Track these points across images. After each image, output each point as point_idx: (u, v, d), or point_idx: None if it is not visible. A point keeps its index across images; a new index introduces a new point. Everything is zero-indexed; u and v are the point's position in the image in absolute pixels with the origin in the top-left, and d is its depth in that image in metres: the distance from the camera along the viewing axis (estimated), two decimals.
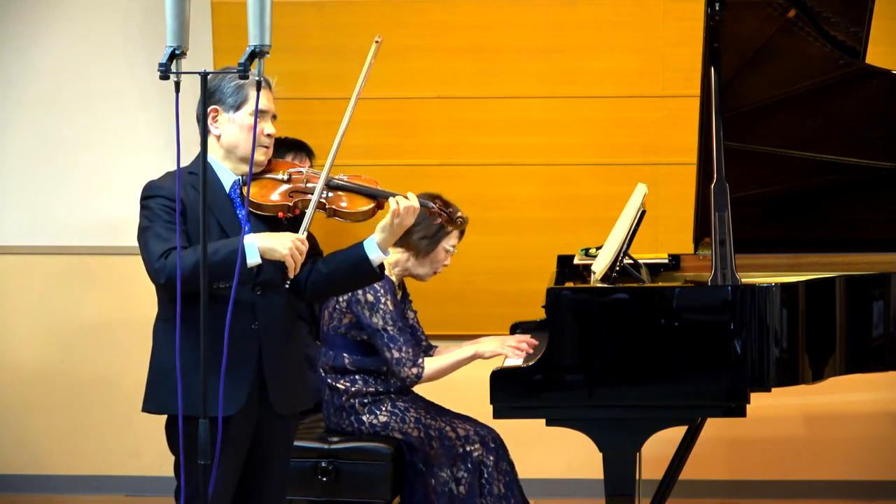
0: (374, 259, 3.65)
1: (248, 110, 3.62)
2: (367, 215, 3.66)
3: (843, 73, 4.38)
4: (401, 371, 4.43)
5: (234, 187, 3.65)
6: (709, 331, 3.85)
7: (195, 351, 3.24)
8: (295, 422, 3.80)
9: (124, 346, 5.87)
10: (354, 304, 4.46)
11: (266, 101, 3.63)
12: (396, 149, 5.72)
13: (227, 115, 3.62)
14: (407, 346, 4.44)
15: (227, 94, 3.61)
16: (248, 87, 3.61)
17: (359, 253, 3.65)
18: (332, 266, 3.68)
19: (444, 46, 5.71)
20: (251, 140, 3.57)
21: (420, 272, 4.59)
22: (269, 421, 3.65)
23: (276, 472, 3.73)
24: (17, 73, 5.88)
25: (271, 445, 3.69)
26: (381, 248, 3.65)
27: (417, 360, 4.45)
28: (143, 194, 3.61)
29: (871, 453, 5.76)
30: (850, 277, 4.02)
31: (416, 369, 4.44)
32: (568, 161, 5.71)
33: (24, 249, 5.92)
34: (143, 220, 3.58)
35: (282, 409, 3.66)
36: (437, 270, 4.62)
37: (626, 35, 5.65)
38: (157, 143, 5.82)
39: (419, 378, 4.45)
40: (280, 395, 3.64)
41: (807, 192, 4.62)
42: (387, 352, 4.43)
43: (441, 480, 4.47)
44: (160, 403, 3.58)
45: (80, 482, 5.95)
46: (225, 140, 3.63)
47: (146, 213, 3.58)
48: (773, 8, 4.28)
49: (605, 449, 3.89)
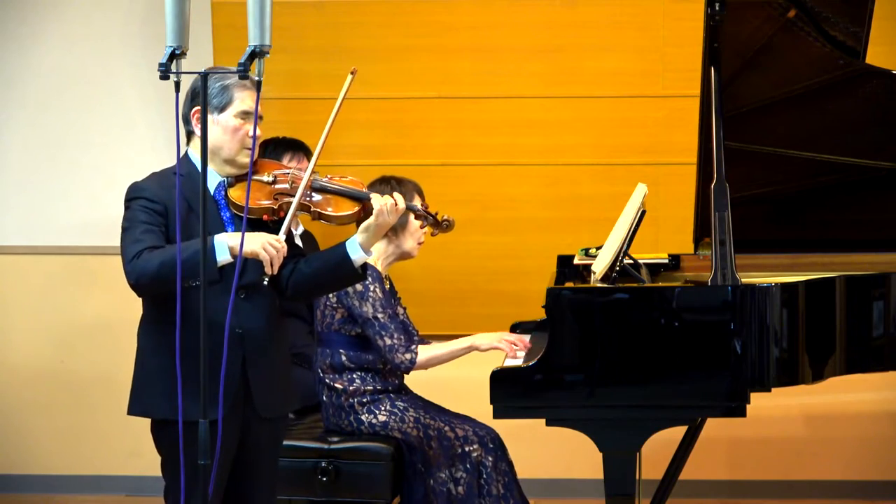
0: (356, 259, 3.63)
1: (233, 112, 3.59)
2: (352, 218, 3.63)
3: (843, 73, 4.38)
4: (394, 357, 4.42)
5: (218, 189, 3.63)
6: (709, 331, 3.85)
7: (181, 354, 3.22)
8: (283, 423, 3.80)
9: (124, 346, 5.81)
10: (344, 296, 4.45)
11: (250, 101, 3.60)
12: (396, 149, 5.72)
13: (212, 117, 3.58)
14: (399, 332, 4.44)
15: (213, 96, 3.58)
16: (233, 89, 3.59)
17: (341, 253, 3.63)
18: (315, 266, 3.66)
19: (444, 46, 5.71)
20: (235, 141, 3.57)
21: (406, 248, 4.55)
22: (255, 424, 3.64)
23: (264, 475, 3.72)
24: (17, 73, 5.87)
25: (258, 448, 3.68)
26: (363, 248, 3.63)
27: (410, 346, 4.44)
28: (126, 196, 3.61)
29: (871, 453, 5.76)
30: (850, 277, 4.02)
31: (409, 354, 4.43)
32: (568, 161, 5.71)
33: (24, 249, 5.92)
34: (123, 222, 3.58)
35: (265, 412, 3.64)
36: (420, 240, 4.57)
37: (626, 35, 5.65)
38: (157, 143, 5.82)
39: (413, 363, 4.44)
40: (264, 399, 3.63)
41: (807, 192, 4.62)
42: (379, 340, 4.43)
43: (440, 480, 4.47)
44: (144, 406, 3.58)
45: (79, 482, 5.94)
46: (209, 142, 3.58)
47: (126, 214, 3.58)
48: (773, 8, 4.28)
49: (605, 449, 3.89)
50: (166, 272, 3.39)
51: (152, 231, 3.50)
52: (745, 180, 4.36)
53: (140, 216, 3.53)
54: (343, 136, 5.55)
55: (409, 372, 4.53)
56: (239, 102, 3.59)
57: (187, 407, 3.23)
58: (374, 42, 5.72)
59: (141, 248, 3.47)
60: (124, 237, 3.54)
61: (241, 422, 3.61)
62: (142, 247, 3.47)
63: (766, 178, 4.57)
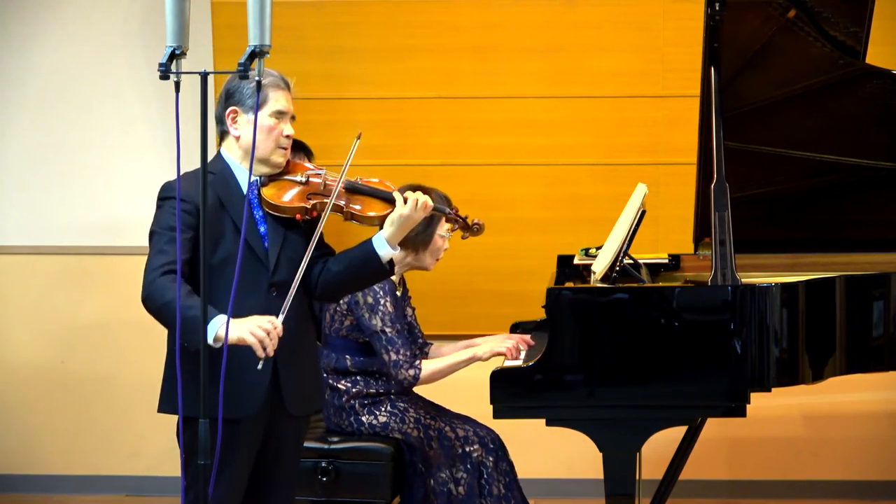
0: (383, 255, 3.65)
1: (268, 111, 3.62)
2: (382, 220, 3.66)
3: (843, 73, 4.38)
4: (398, 373, 4.44)
5: (251, 188, 3.65)
6: (709, 331, 3.85)
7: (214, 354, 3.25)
8: (306, 422, 3.81)
9: (124, 346, 5.87)
10: (354, 306, 4.46)
11: (284, 101, 3.64)
12: (396, 149, 5.72)
13: (247, 117, 3.61)
14: (405, 348, 4.44)
15: (247, 96, 3.61)
16: (267, 88, 3.61)
17: (368, 249, 3.66)
18: (343, 264, 3.68)
19: (444, 46, 5.71)
20: (270, 140, 3.61)
21: (423, 264, 4.59)
22: (281, 421, 3.66)
23: (286, 472, 3.73)
24: (17, 73, 5.88)
25: (282, 445, 3.70)
26: (389, 243, 3.65)
27: (415, 362, 4.45)
28: (159, 195, 3.62)
29: (871, 453, 5.76)
30: (850, 277, 4.02)
31: (413, 371, 4.44)
32: (568, 161, 5.71)
33: (24, 249, 5.92)
34: (153, 222, 3.59)
35: (294, 409, 3.66)
36: (439, 257, 4.62)
37: (626, 35, 5.65)
38: (157, 143, 5.82)
39: (416, 380, 4.46)
40: (293, 396, 3.64)
41: (807, 192, 4.62)
42: (384, 354, 4.44)
43: (440, 481, 4.48)
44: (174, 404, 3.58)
45: (80, 482, 5.95)
46: (244, 141, 3.62)
47: (157, 214, 3.59)
48: (773, 8, 4.28)
49: (605, 449, 3.89)
50: (165, 315, 3.45)
51: (176, 239, 3.51)
52: (745, 180, 4.37)
53: (169, 220, 3.53)
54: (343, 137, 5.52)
55: (411, 387, 4.54)
56: (273, 102, 3.61)
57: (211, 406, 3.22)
58: (374, 42, 5.72)
59: (164, 261, 3.48)
60: (151, 242, 3.56)
61: (269, 419, 3.62)
62: (165, 260, 3.48)
63: (767, 178, 4.57)
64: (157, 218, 3.58)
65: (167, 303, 3.42)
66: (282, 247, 3.62)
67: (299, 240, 3.65)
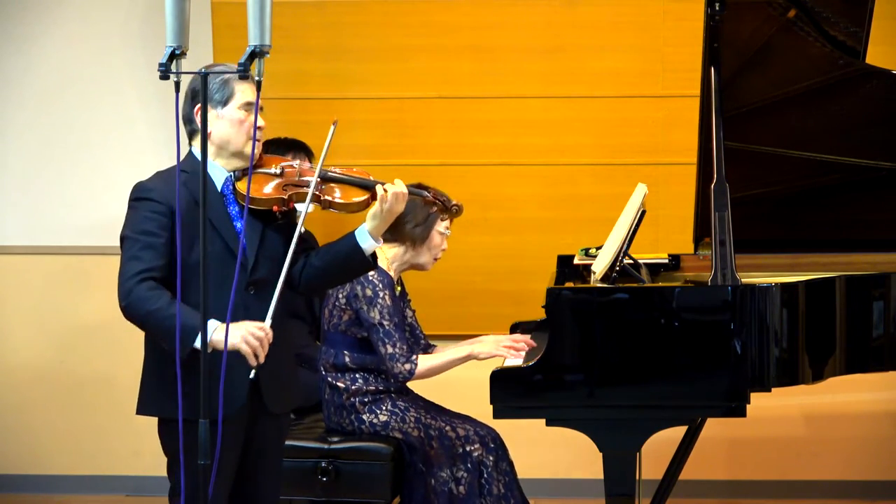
0: (366, 248, 3.64)
1: (236, 104, 3.60)
2: (361, 206, 3.65)
3: (843, 73, 4.38)
4: (394, 367, 4.43)
5: (226, 183, 3.64)
6: (709, 331, 3.85)
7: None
8: (287, 419, 3.81)
9: (124, 346, 5.86)
10: (353, 299, 4.46)
11: (251, 93, 3.61)
12: (396, 149, 5.72)
13: (216, 112, 3.60)
14: (402, 342, 4.44)
15: (214, 91, 3.59)
16: (232, 82, 3.60)
17: (351, 243, 3.64)
18: (326, 258, 3.67)
19: (444, 46, 5.71)
20: (242, 133, 3.59)
21: (420, 261, 4.59)
22: (262, 419, 3.65)
23: (270, 470, 3.73)
24: (17, 73, 5.88)
25: (265, 443, 3.69)
26: (372, 236, 3.63)
27: (411, 356, 4.45)
28: (131, 195, 3.60)
29: (871, 453, 5.76)
30: (850, 277, 4.02)
31: (409, 365, 4.44)
32: (568, 161, 5.71)
33: (24, 249, 5.92)
34: (124, 225, 3.57)
35: (275, 407, 3.66)
36: (437, 256, 4.62)
37: (626, 35, 5.65)
38: (157, 143, 5.82)
39: (412, 374, 4.45)
40: (273, 394, 3.64)
41: (807, 192, 4.62)
42: (381, 347, 4.44)
43: (441, 480, 4.48)
44: (158, 406, 3.58)
45: (80, 482, 5.95)
46: (216, 136, 3.60)
47: (129, 215, 3.57)
48: (773, 8, 4.28)
49: (605, 449, 3.89)
50: (150, 325, 3.46)
51: (152, 247, 3.49)
52: (745, 180, 4.37)
53: (142, 224, 3.52)
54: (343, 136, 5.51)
55: (406, 382, 4.53)
56: (241, 94, 3.61)
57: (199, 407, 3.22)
58: (374, 42, 5.72)
59: (139, 268, 3.47)
60: (124, 247, 3.54)
61: (249, 418, 3.62)
62: (141, 267, 3.47)
63: (767, 178, 4.57)
64: (130, 220, 3.55)
65: (151, 312, 3.42)
66: (259, 243, 3.60)
67: (277, 236, 3.63)
